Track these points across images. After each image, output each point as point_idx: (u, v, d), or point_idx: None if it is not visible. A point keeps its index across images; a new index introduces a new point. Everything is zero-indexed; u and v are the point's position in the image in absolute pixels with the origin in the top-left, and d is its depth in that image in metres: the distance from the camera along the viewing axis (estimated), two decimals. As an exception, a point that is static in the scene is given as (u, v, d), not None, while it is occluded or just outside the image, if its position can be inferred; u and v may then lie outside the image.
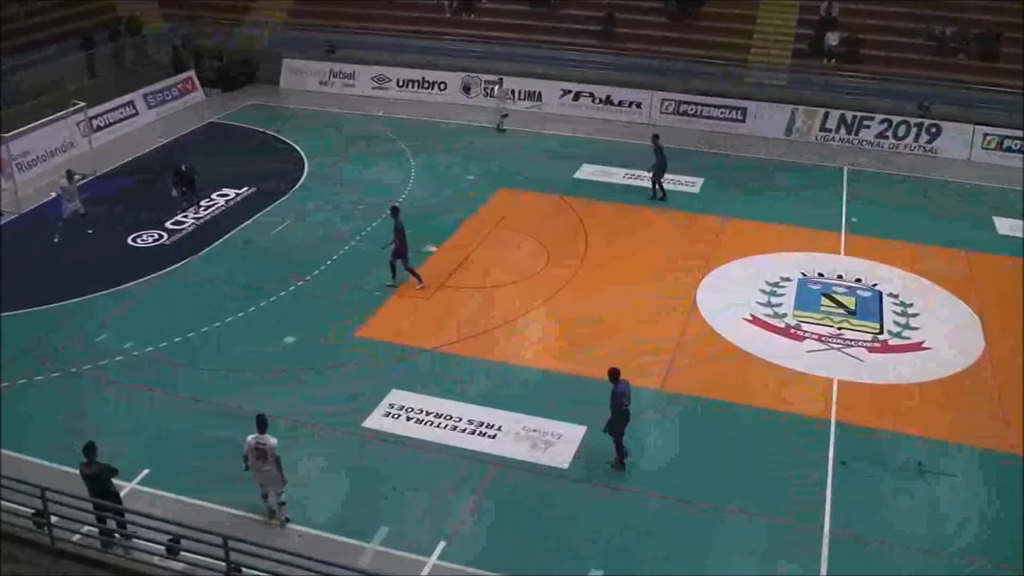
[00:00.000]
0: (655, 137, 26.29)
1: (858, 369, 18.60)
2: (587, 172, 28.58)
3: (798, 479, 15.49)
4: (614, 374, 15.49)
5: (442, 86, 35.48)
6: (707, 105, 32.86)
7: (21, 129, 26.58)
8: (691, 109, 33.01)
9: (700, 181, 27.59)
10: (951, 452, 16.37)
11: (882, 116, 31.37)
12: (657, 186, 26.24)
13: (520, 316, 20.50)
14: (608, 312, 20.58)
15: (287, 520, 14.23)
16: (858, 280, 22.07)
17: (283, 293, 21.08)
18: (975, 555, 14.09)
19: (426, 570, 13.45)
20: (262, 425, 14.01)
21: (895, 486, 15.38)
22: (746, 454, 16.09)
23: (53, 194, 26.26)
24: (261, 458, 13.91)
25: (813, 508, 14.79)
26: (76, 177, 24.24)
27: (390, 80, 35.94)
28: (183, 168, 25.43)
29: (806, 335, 19.73)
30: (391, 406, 17.05)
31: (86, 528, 12.69)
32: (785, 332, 19.85)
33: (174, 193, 25.30)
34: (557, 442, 16.09)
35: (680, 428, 17.01)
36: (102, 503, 12.64)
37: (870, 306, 20.97)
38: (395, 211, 21.21)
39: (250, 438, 14.00)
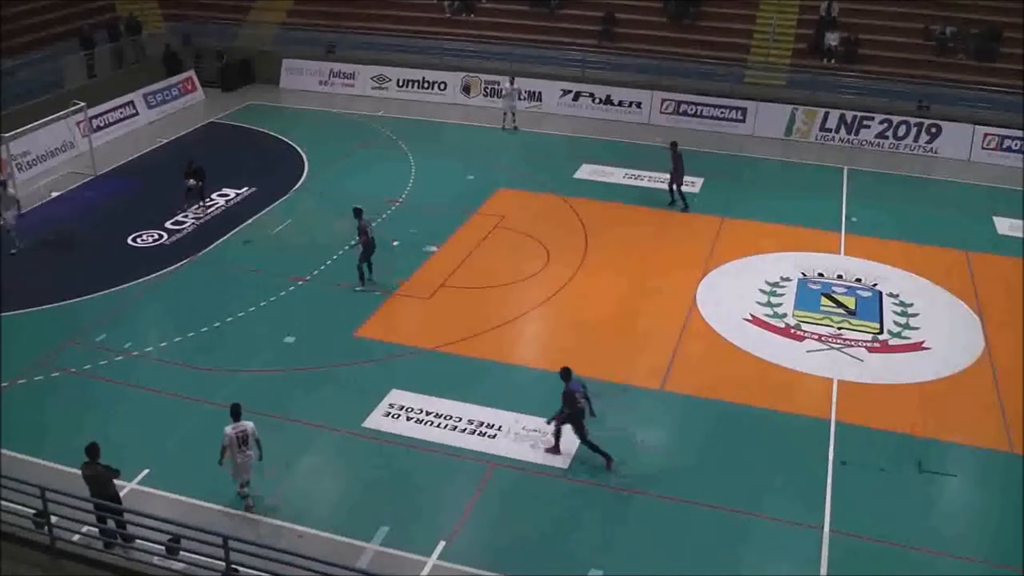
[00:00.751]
0: (673, 144, 25.68)
1: (858, 369, 18.60)
2: (587, 172, 28.58)
3: (798, 479, 15.50)
4: (565, 373, 15.50)
5: (442, 86, 35.47)
6: (707, 105, 32.85)
7: (21, 129, 26.57)
8: (691, 109, 33.00)
9: (700, 181, 27.55)
10: (951, 452, 16.38)
11: (882, 116, 31.37)
12: (675, 193, 25.66)
13: (520, 316, 20.50)
14: (608, 312, 20.59)
15: (251, 505, 14.44)
16: (858, 280, 22.08)
17: (283, 293, 21.09)
18: (975, 555, 14.10)
19: (426, 570, 13.45)
20: (237, 413, 14.26)
21: (895, 486, 15.38)
22: (746, 454, 16.10)
23: (54, 194, 26.42)
24: (244, 444, 14.10)
25: (813, 508, 14.79)
26: (11, 191, 23.65)
27: (390, 80, 35.94)
28: (193, 165, 25.23)
29: (806, 335, 19.74)
30: (391, 406, 17.05)
31: (86, 528, 12.68)
32: (785, 332, 19.85)
33: (191, 183, 25.00)
34: (557, 442, 16.09)
35: (680, 428, 17.03)
36: (102, 503, 12.64)
37: (870, 306, 20.97)
38: (358, 212, 21.12)
39: (228, 428, 14.14)
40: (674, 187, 25.75)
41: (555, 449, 15.80)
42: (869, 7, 33.95)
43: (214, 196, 25.91)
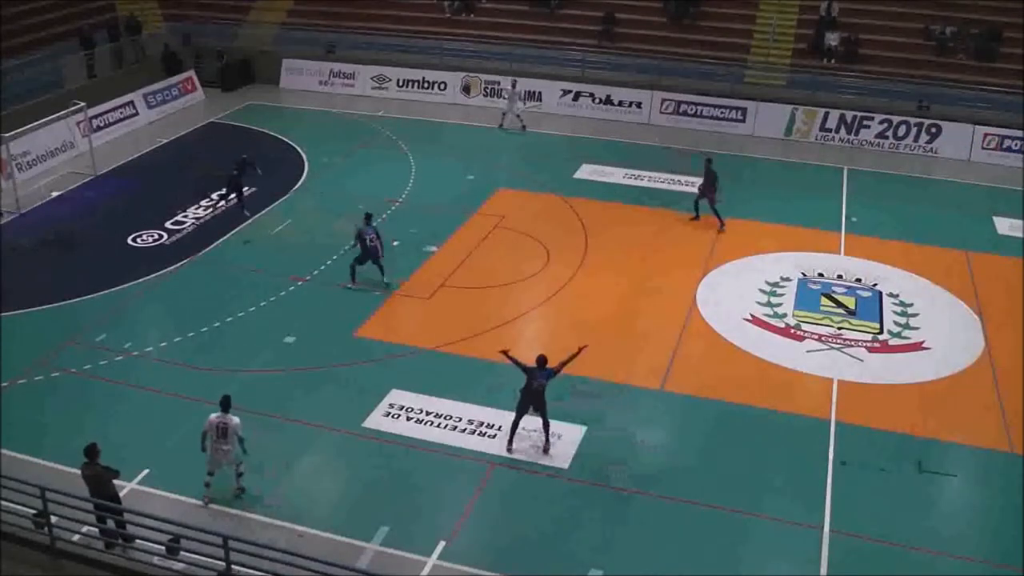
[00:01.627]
0: (708, 160, 25.01)
1: (858, 369, 18.59)
2: (587, 172, 28.57)
3: (798, 479, 15.50)
4: (539, 360, 15.58)
5: (442, 86, 35.47)
6: (707, 105, 32.83)
7: (21, 129, 26.54)
8: (691, 109, 32.99)
9: (700, 181, 27.49)
10: (951, 452, 16.38)
11: (882, 116, 31.36)
12: (704, 207, 24.85)
13: (520, 316, 20.50)
14: (607, 312, 20.59)
15: (242, 490, 14.61)
16: (858, 280, 22.08)
17: (283, 293, 21.08)
18: (975, 555, 14.10)
19: (426, 570, 13.45)
20: (226, 405, 14.35)
21: (895, 486, 15.38)
22: (746, 454, 16.10)
23: (54, 194, 26.42)
24: (222, 436, 14.17)
25: (813, 508, 14.79)
26: None
27: (390, 80, 35.93)
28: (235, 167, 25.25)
29: (806, 335, 19.74)
30: (391, 406, 17.05)
31: (86, 528, 12.68)
32: (785, 332, 19.85)
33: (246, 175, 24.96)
34: (557, 442, 16.06)
35: (680, 428, 17.04)
36: (102, 503, 12.64)
37: (870, 306, 20.97)
38: (368, 218, 21.03)
39: (213, 416, 14.24)
40: (700, 202, 24.98)
41: (546, 444, 15.83)
42: (869, 7, 33.94)
43: (213, 196, 25.87)
